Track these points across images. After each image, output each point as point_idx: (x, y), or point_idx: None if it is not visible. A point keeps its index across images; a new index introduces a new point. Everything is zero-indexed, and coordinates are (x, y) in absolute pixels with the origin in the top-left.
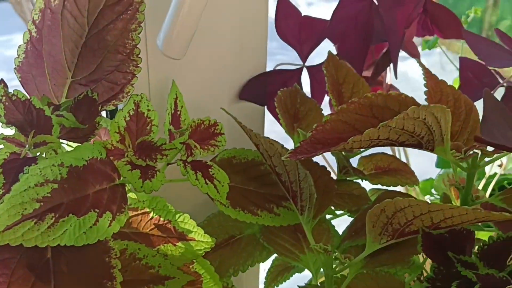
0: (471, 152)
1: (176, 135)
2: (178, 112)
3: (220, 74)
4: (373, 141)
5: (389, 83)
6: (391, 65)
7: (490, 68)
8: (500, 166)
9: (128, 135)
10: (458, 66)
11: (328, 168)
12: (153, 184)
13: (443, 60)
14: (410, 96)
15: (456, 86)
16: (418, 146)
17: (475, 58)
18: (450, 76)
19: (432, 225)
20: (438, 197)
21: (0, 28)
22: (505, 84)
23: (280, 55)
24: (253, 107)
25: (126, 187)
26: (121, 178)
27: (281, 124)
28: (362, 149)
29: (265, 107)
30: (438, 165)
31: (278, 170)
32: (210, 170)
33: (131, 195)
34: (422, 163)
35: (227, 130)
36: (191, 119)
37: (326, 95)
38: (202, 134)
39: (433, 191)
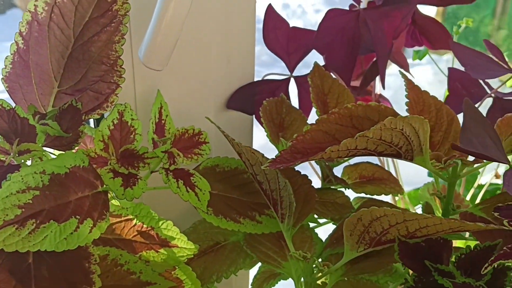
0: (451, 162)
1: (160, 143)
2: (163, 121)
3: (207, 84)
4: (351, 150)
5: (378, 93)
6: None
7: (479, 79)
8: (497, 177)
9: (112, 144)
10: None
11: (315, 177)
12: (134, 191)
13: (436, 69)
14: (390, 107)
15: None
16: (397, 155)
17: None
18: None
19: (408, 234)
20: None
21: (11, 34)
22: (493, 95)
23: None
24: (242, 117)
25: (108, 195)
26: (104, 186)
27: (266, 134)
28: (346, 158)
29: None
30: (430, 174)
31: (260, 179)
32: (191, 178)
33: (115, 202)
34: (415, 172)
35: (214, 139)
36: (176, 128)
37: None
38: (186, 143)
39: (421, 202)
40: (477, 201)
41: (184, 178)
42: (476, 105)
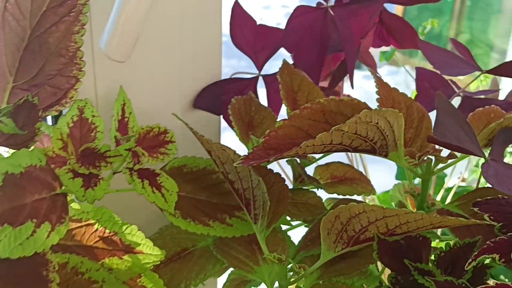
0: (425, 158)
1: (123, 142)
2: (126, 119)
3: (172, 81)
4: (326, 146)
5: (346, 94)
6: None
7: (447, 78)
8: (463, 181)
9: (71, 142)
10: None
11: (284, 177)
12: (95, 193)
13: (408, 79)
14: (363, 101)
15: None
16: (372, 151)
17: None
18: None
19: (388, 232)
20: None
21: None
22: (461, 94)
23: None
24: (208, 117)
25: (68, 197)
26: (63, 187)
27: (234, 131)
28: (317, 158)
29: (221, 116)
30: (397, 177)
31: (231, 177)
32: (158, 178)
33: (75, 205)
34: (383, 175)
35: (180, 138)
36: (140, 126)
37: (283, 104)
38: (151, 142)
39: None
40: (447, 202)
41: (149, 178)
42: None
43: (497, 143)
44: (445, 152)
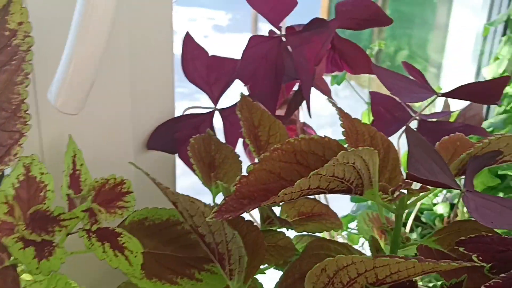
0: (398, 193)
1: (77, 200)
2: (77, 172)
3: (123, 124)
4: (304, 191)
5: (302, 121)
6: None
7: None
8: None
9: (18, 205)
10: (366, 99)
11: (250, 218)
12: (51, 263)
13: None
14: (333, 138)
15: (365, 120)
16: (348, 191)
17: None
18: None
19: (377, 282)
20: (355, 231)
21: None
22: (417, 117)
23: None
24: (163, 156)
25: (18, 269)
26: (12, 258)
27: (196, 174)
28: None
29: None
30: (352, 199)
31: (201, 231)
32: (119, 238)
33: (26, 276)
34: (338, 197)
35: (135, 187)
36: (93, 179)
37: (240, 138)
38: (108, 195)
39: (350, 225)
40: (408, 226)
41: (110, 239)
42: (402, 129)
43: (469, 173)
44: (415, 184)
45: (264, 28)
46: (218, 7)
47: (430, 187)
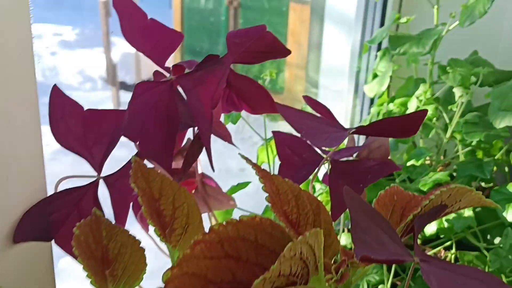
0: (344, 271)
1: None
2: None
3: None
4: None
5: (201, 173)
6: None
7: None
8: None
9: None
10: (261, 135)
11: None
12: None
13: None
14: (265, 217)
15: (261, 156)
16: (292, 285)
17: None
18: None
19: None
20: None
21: None
22: (329, 158)
23: None
24: (38, 247)
25: None
26: None
27: (89, 278)
28: None
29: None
30: None
31: None
32: None
33: None
34: None
35: None
36: None
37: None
38: None
39: None
40: None
41: None
42: (314, 172)
43: (416, 235)
44: None
45: (118, 42)
46: (64, 22)
47: None
